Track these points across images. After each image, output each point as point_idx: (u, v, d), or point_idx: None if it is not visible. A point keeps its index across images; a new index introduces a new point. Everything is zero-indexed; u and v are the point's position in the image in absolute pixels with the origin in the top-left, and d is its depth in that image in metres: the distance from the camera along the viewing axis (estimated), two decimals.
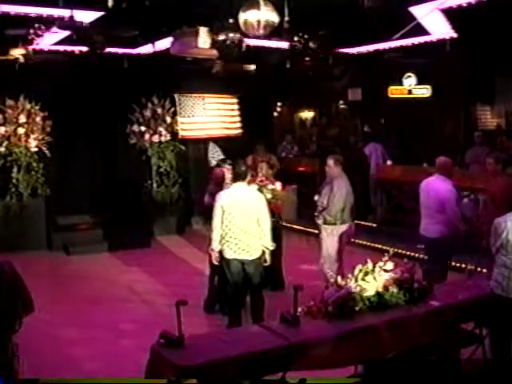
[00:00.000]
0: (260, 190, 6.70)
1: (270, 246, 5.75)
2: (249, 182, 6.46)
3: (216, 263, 5.84)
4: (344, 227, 6.40)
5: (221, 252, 5.70)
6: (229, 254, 5.65)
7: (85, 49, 8.53)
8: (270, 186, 7.06)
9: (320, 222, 6.54)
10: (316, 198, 6.67)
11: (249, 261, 5.66)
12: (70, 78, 9.61)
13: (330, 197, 6.30)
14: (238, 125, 11.93)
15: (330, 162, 6.45)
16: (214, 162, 6.95)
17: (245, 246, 5.61)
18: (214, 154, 7.71)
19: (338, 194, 6.27)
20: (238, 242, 5.60)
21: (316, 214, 6.57)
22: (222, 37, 7.45)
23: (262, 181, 7.07)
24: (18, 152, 9.53)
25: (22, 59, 8.46)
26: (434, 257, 6.28)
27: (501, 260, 4.37)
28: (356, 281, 4.31)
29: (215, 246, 5.68)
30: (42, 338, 5.84)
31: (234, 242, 5.60)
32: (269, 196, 6.80)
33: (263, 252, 5.71)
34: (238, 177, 5.76)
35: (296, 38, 8.36)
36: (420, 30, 8.17)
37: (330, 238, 6.43)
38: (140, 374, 3.65)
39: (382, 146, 11.14)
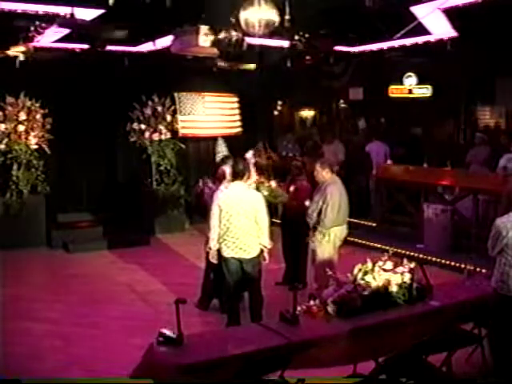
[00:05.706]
0: (257, 187, 6.71)
1: (268, 244, 5.74)
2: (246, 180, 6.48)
3: (215, 261, 5.84)
4: (337, 230, 6.34)
5: (219, 251, 5.70)
6: (226, 253, 5.65)
7: (85, 46, 8.53)
8: (267, 184, 7.07)
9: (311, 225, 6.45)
10: (307, 203, 6.61)
11: (247, 259, 5.66)
12: (71, 75, 9.61)
13: (323, 208, 6.17)
14: (238, 123, 11.93)
15: (317, 165, 6.33)
16: (218, 158, 6.94)
17: (242, 244, 5.61)
18: (220, 150, 7.69)
19: (330, 203, 6.11)
20: (236, 241, 5.60)
21: (307, 219, 6.47)
22: (222, 35, 7.44)
23: (257, 178, 7.08)
24: (18, 149, 9.52)
25: (22, 56, 8.46)
26: None
27: (505, 260, 4.33)
28: (355, 280, 4.32)
29: (213, 244, 5.68)
30: (41, 335, 5.85)
31: (232, 241, 5.60)
32: (265, 193, 6.80)
33: (261, 250, 5.72)
34: (236, 175, 5.75)
35: (297, 37, 8.35)
36: (421, 30, 8.18)
37: (324, 242, 6.35)
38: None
39: (384, 144, 11.10)
